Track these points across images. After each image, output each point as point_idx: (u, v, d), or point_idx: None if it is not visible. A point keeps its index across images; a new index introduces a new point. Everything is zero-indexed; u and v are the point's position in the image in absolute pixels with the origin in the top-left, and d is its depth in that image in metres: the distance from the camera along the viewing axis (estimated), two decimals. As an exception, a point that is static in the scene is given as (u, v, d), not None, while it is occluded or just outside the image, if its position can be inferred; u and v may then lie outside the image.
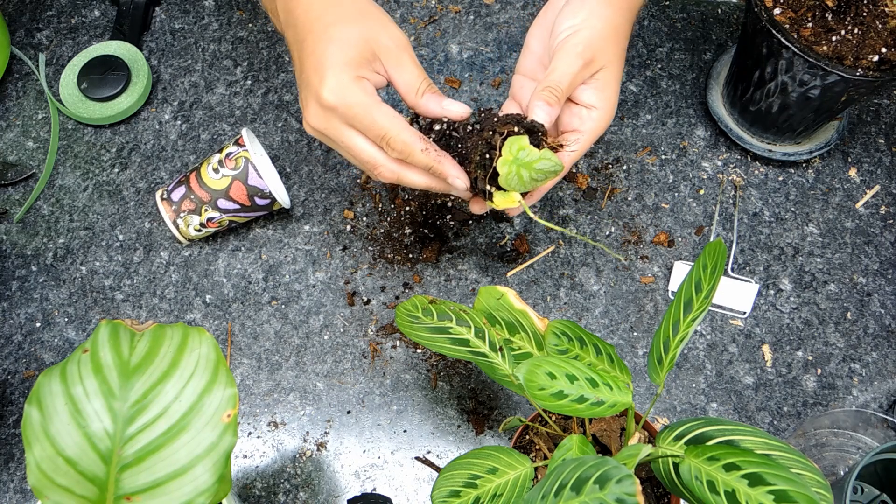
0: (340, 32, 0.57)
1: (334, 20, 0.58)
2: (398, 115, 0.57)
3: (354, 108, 0.56)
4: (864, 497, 0.67)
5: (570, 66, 0.59)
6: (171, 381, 0.43)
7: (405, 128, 0.57)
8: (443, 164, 0.58)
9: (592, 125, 0.61)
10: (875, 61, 0.69)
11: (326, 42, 0.57)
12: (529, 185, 0.57)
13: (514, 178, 0.57)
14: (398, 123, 0.57)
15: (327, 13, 0.59)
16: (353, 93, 0.56)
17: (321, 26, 0.58)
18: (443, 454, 0.71)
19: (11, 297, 0.77)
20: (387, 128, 0.57)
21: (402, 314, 0.59)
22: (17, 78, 0.88)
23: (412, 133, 0.57)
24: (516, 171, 0.56)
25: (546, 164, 0.56)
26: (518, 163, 0.56)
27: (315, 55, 0.58)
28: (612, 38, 0.60)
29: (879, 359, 0.74)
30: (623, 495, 0.36)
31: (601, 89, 0.61)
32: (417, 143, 0.57)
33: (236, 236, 0.80)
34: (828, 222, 0.80)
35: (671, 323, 0.50)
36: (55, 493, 0.41)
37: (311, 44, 0.58)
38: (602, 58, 0.60)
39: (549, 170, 0.57)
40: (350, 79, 0.57)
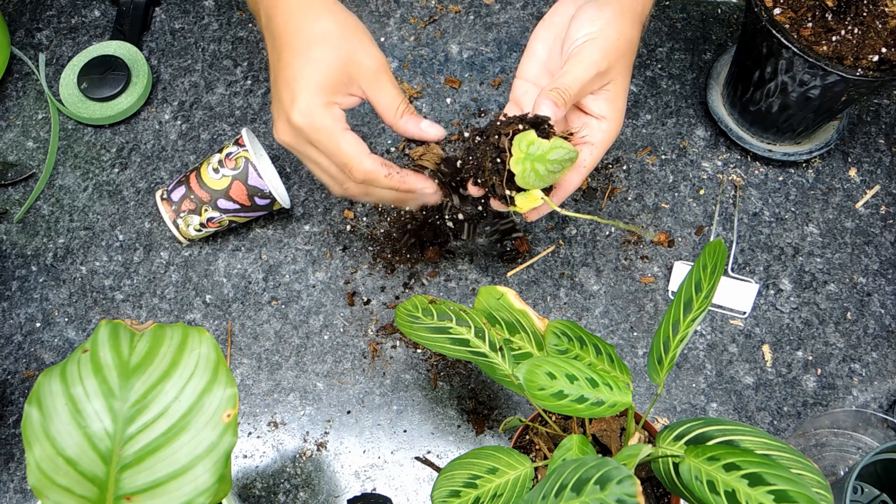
0: (319, 52, 0.58)
1: (314, 37, 0.58)
2: (361, 143, 0.58)
3: (320, 133, 0.58)
4: (864, 497, 0.67)
5: (584, 73, 0.59)
6: (171, 381, 0.43)
7: (367, 156, 0.58)
8: (407, 182, 0.60)
9: (603, 136, 0.61)
10: (875, 61, 0.69)
11: (304, 61, 0.58)
12: (549, 179, 0.57)
13: (530, 174, 0.56)
14: (360, 151, 0.58)
15: (307, 28, 0.59)
16: (320, 117, 0.57)
17: (301, 42, 0.58)
18: (443, 454, 0.71)
19: (11, 297, 0.77)
20: (349, 156, 0.58)
21: (402, 314, 0.59)
22: (17, 78, 0.88)
23: (374, 161, 0.58)
24: (531, 168, 0.55)
25: (560, 152, 0.55)
26: (531, 158, 0.55)
27: (290, 71, 0.58)
28: (625, 50, 0.60)
29: (879, 359, 0.74)
30: (623, 496, 0.36)
31: (611, 101, 0.61)
32: (380, 169, 0.59)
33: (236, 236, 0.80)
34: (828, 222, 0.80)
35: (671, 323, 0.50)
36: (55, 493, 0.41)
37: (287, 58, 0.59)
38: (615, 69, 0.60)
39: (565, 158, 0.55)
40: (320, 103, 0.57)
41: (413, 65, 0.88)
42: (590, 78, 0.59)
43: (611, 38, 0.59)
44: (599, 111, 0.61)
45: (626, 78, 0.62)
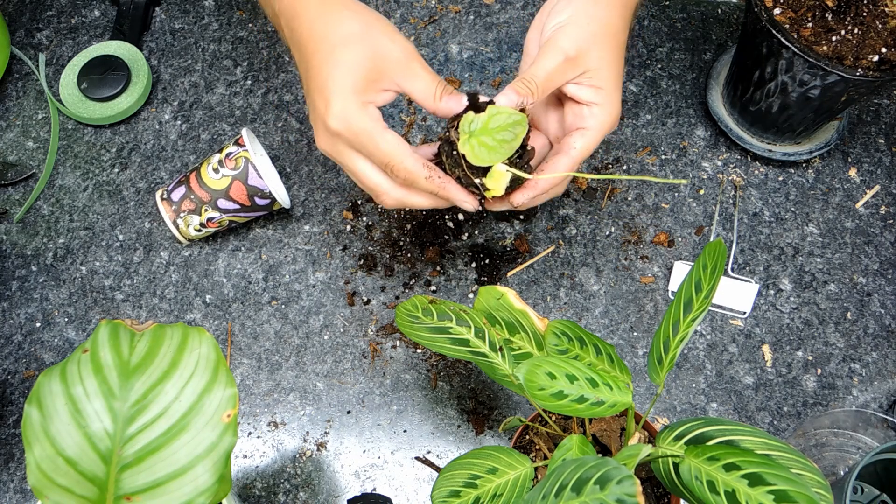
0: (346, 54, 0.57)
1: (339, 40, 0.57)
2: (402, 142, 0.57)
3: (360, 136, 0.57)
4: (864, 497, 0.67)
5: (551, 62, 0.58)
6: (171, 381, 0.43)
7: (409, 155, 0.57)
8: (448, 190, 0.58)
9: (595, 121, 0.60)
10: (875, 61, 0.69)
11: (332, 65, 0.57)
12: (503, 149, 0.55)
13: (480, 150, 0.55)
14: (402, 150, 0.57)
15: (331, 32, 0.58)
16: (357, 119, 0.56)
17: (327, 47, 0.58)
18: (443, 454, 0.71)
19: (11, 297, 0.77)
20: (391, 155, 0.57)
21: (402, 314, 0.59)
22: (17, 78, 0.88)
23: (416, 160, 0.57)
24: (478, 143, 0.55)
25: (500, 118, 0.54)
26: (474, 135, 0.55)
27: (320, 78, 0.58)
28: (601, 35, 0.59)
29: (879, 359, 0.74)
30: (623, 496, 0.36)
31: (597, 87, 0.60)
32: (421, 170, 0.57)
33: (236, 236, 0.80)
34: (828, 222, 0.80)
35: (671, 323, 0.50)
36: (55, 493, 0.41)
37: (316, 65, 0.58)
38: (591, 55, 0.59)
39: (509, 122, 0.54)
40: (355, 105, 0.56)
41: (413, 65, 0.88)
42: (557, 65, 0.58)
43: (580, 24, 0.59)
44: (587, 98, 0.60)
45: (613, 63, 0.60)
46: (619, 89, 0.61)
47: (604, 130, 0.61)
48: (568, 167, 0.60)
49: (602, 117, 0.60)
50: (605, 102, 0.60)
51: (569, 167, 0.60)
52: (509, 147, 0.55)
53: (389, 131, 0.57)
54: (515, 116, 0.55)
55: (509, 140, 0.55)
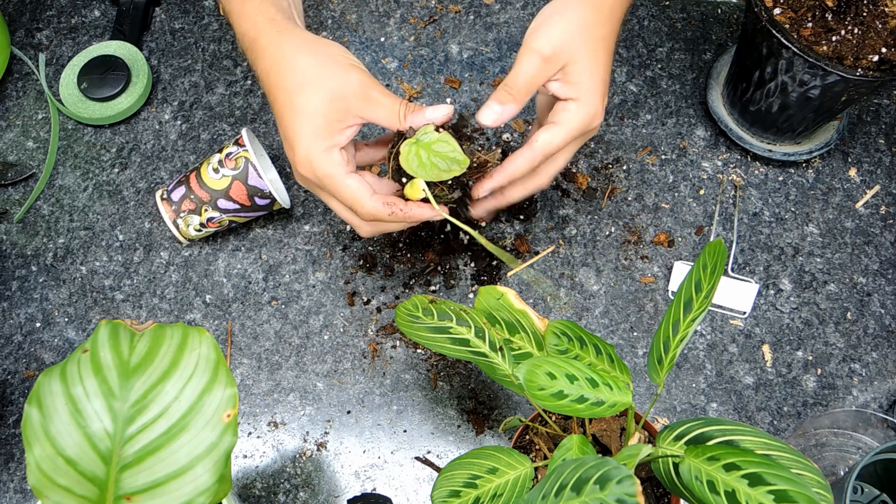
0: (303, 101, 0.58)
1: (296, 86, 0.59)
2: (362, 185, 0.59)
3: (323, 181, 0.59)
4: (864, 497, 0.67)
5: (528, 64, 0.59)
6: (171, 381, 0.43)
7: (369, 198, 0.59)
8: (413, 216, 0.60)
9: (566, 116, 0.61)
10: (875, 61, 0.69)
11: (292, 114, 0.59)
12: (431, 172, 0.57)
13: (413, 158, 0.57)
14: (362, 194, 0.59)
15: (287, 79, 0.59)
16: (320, 166, 0.59)
17: (285, 96, 0.59)
18: (443, 454, 0.71)
19: (11, 297, 0.77)
20: (352, 199, 0.59)
21: (402, 314, 0.59)
22: (17, 78, 0.88)
23: (375, 202, 0.59)
24: (415, 152, 0.57)
25: (444, 147, 0.56)
26: (419, 143, 0.57)
27: (284, 126, 0.60)
28: (577, 31, 0.60)
29: (879, 359, 0.74)
30: (623, 496, 0.36)
31: (574, 82, 0.60)
32: (382, 209, 0.59)
33: (236, 236, 0.80)
34: (828, 222, 0.80)
35: (671, 323, 0.50)
36: (55, 493, 0.41)
37: (278, 112, 0.60)
38: (568, 52, 0.60)
39: (448, 155, 0.56)
40: (318, 152, 0.58)
41: (413, 65, 0.88)
42: (535, 67, 0.59)
43: (554, 23, 0.60)
44: (563, 94, 0.61)
45: (591, 58, 0.60)
46: (599, 85, 0.61)
47: (573, 127, 0.61)
48: (528, 160, 0.61)
49: (575, 113, 0.61)
50: (582, 98, 0.60)
51: (528, 160, 0.61)
52: (437, 174, 0.57)
53: (351, 176, 0.59)
54: (458, 157, 0.57)
55: (442, 170, 0.57)
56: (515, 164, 0.61)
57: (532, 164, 0.61)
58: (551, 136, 0.61)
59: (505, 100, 0.60)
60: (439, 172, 0.57)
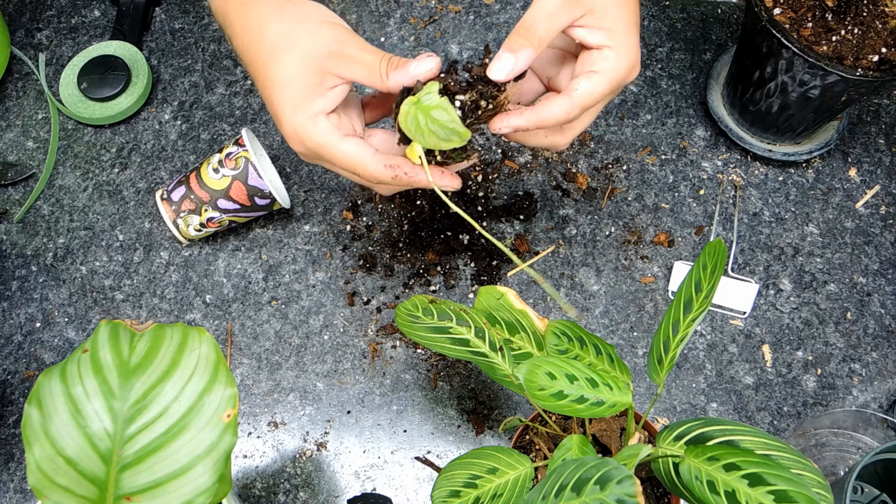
0: (276, 70, 0.54)
1: (267, 56, 0.54)
2: (362, 147, 0.54)
3: (318, 151, 0.55)
4: (864, 497, 0.67)
5: (549, 2, 0.51)
6: (171, 381, 0.43)
7: (370, 160, 0.54)
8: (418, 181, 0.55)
9: (606, 65, 0.53)
10: (875, 61, 0.69)
11: (269, 86, 0.54)
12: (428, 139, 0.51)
13: (411, 121, 0.51)
14: (362, 157, 0.54)
15: (257, 50, 0.55)
16: (310, 136, 0.54)
17: (259, 68, 0.55)
18: (443, 454, 0.71)
19: (11, 297, 0.77)
20: (352, 165, 0.55)
21: (402, 314, 0.59)
22: (17, 78, 0.88)
23: (377, 164, 0.54)
24: (413, 113, 0.51)
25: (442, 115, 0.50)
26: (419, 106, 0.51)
27: (266, 99, 0.56)
28: None
29: (879, 359, 0.74)
30: (623, 496, 0.36)
31: (606, 28, 0.52)
32: (384, 173, 0.54)
33: (236, 236, 0.80)
34: (828, 222, 0.80)
35: (671, 323, 0.50)
36: (55, 493, 0.41)
37: (259, 86, 0.56)
38: None
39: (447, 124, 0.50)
40: (304, 121, 0.54)
41: (413, 65, 0.88)
42: (556, 5, 0.51)
43: None
44: (598, 41, 0.53)
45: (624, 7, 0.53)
46: (633, 32, 0.54)
47: (615, 77, 0.53)
48: (565, 109, 0.53)
49: (614, 62, 0.53)
50: (618, 45, 0.53)
51: (566, 110, 0.53)
52: (435, 142, 0.52)
53: (347, 140, 0.54)
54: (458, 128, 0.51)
55: (440, 137, 0.51)
56: (550, 110, 0.53)
57: (569, 115, 0.53)
58: (593, 86, 0.53)
59: (519, 45, 0.51)
60: (437, 141, 0.52)
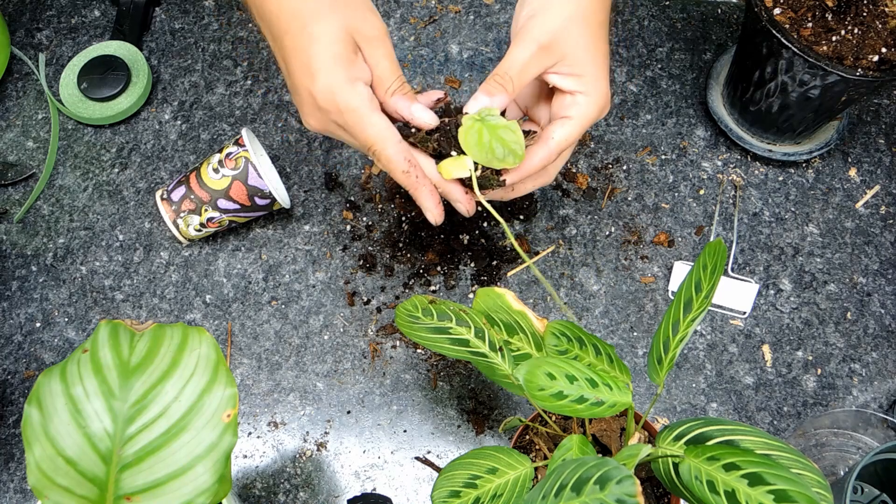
0: (320, 28, 0.54)
1: (310, 15, 0.54)
2: (390, 128, 0.55)
3: (346, 114, 0.55)
4: (864, 497, 0.67)
5: (523, 52, 0.56)
6: (171, 381, 0.43)
7: (395, 143, 0.55)
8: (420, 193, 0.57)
9: (577, 110, 0.57)
10: (875, 61, 0.69)
11: (308, 41, 0.54)
12: (487, 156, 0.54)
13: (473, 134, 0.54)
14: (388, 136, 0.55)
15: (300, 7, 0.55)
16: (344, 98, 0.55)
17: (298, 25, 0.55)
18: (443, 454, 0.71)
19: (11, 297, 0.77)
20: (376, 139, 0.55)
21: (402, 314, 0.59)
22: (17, 78, 0.88)
23: (399, 151, 0.55)
24: (478, 129, 0.53)
25: (509, 134, 0.53)
26: (484, 123, 0.53)
27: (299, 56, 0.55)
28: (576, 18, 0.56)
29: (879, 359, 0.74)
30: (623, 496, 0.36)
31: (577, 74, 0.57)
32: (401, 163, 0.56)
33: (236, 236, 0.80)
34: (828, 222, 0.80)
35: (671, 323, 0.50)
36: (55, 493, 0.41)
37: (290, 43, 0.56)
38: (566, 41, 0.56)
39: (511, 144, 0.53)
40: (342, 81, 0.54)
41: (413, 65, 0.88)
42: (531, 55, 0.56)
43: (552, 10, 0.56)
44: (569, 87, 0.57)
45: (592, 47, 0.57)
46: (603, 74, 0.58)
47: (587, 119, 0.58)
48: (544, 157, 0.58)
49: (584, 107, 0.57)
50: (589, 90, 0.57)
51: (545, 157, 0.58)
52: (494, 160, 0.54)
53: (378, 114, 0.55)
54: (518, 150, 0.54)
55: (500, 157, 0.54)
56: (532, 161, 0.58)
57: (548, 160, 0.58)
58: (567, 132, 0.57)
59: (495, 91, 0.56)
60: (493, 158, 0.54)
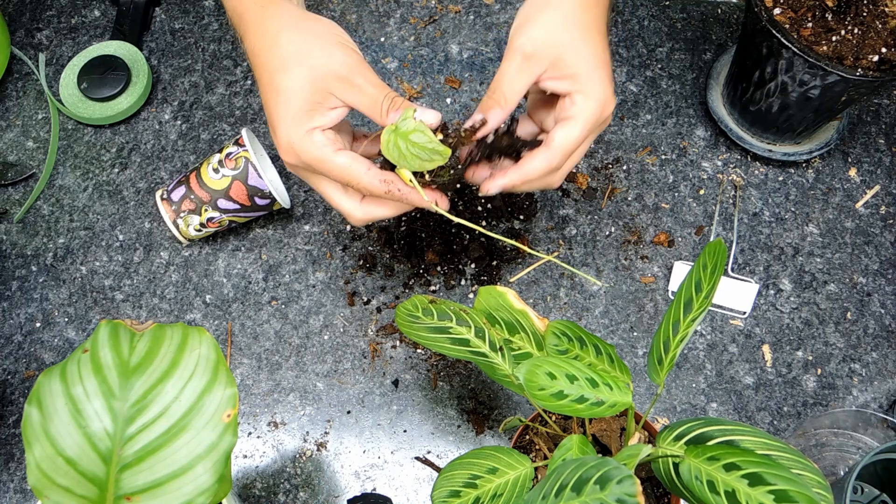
0: (284, 81, 0.56)
1: (277, 65, 0.56)
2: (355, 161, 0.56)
3: (311, 164, 0.57)
4: (864, 497, 0.67)
5: (510, 65, 0.57)
6: (171, 381, 0.43)
7: (364, 173, 0.56)
8: (410, 199, 0.58)
9: (576, 110, 0.57)
10: (875, 61, 0.69)
11: (273, 95, 0.56)
12: (411, 161, 0.54)
13: (392, 147, 0.54)
14: (355, 170, 0.56)
15: (269, 57, 0.57)
16: (304, 149, 0.56)
17: (267, 76, 0.57)
18: (443, 454, 0.71)
19: (11, 297, 0.77)
20: (348, 176, 0.56)
21: (402, 314, 0.59)
22: (17, 78, 0.88)
23: (371, 177, 0.56)
24: (394, 140, 0.54)
25: (420, 137, 0.53)
26: (397, 132, 0.54)
27: (267, 109, 0.58)
28: (560, 23, 0.56)
29: (879, 359, 0.74)
30: (623, 496, 0.36)
31: (569, 75, 0.57)
32: (378, 186, 0.56)
33: (236, 236, 0.80)
34: (828, 222, 0.80)
35: (671, 323, 0.50)
36: (55, 493, 0.41)
37: (262, 93, 0.58)
38: (551, 47, 0.56)
39: (426, 146, 0.53)
40: (299, 135, 0.56)
41: (413, 65, 0.88)
42: (516, 67, 0.56)
43: (534, 19, 0.57)
44: (564, 89, 0.57)
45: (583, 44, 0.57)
46: (600, 70, 0.57)
47: (588, 116, 0.57)
48: (547, 161, 0.58)
49: (583, 104, 0.57)
50: (585, 87, 0.57)
51: (548, 161, 0.58)
52: (418, 164, 0.55)
53: (341, 153, 0.56)
54: (437, 147, 0.53)
55: (422, 159, 0.54)
56: (532, 165, 0.58)
57: (551, 165, 0.58)
58: (568, 133, 0.57)
59: (488, 107, 0.57)
60: (421, 163, 0.54)
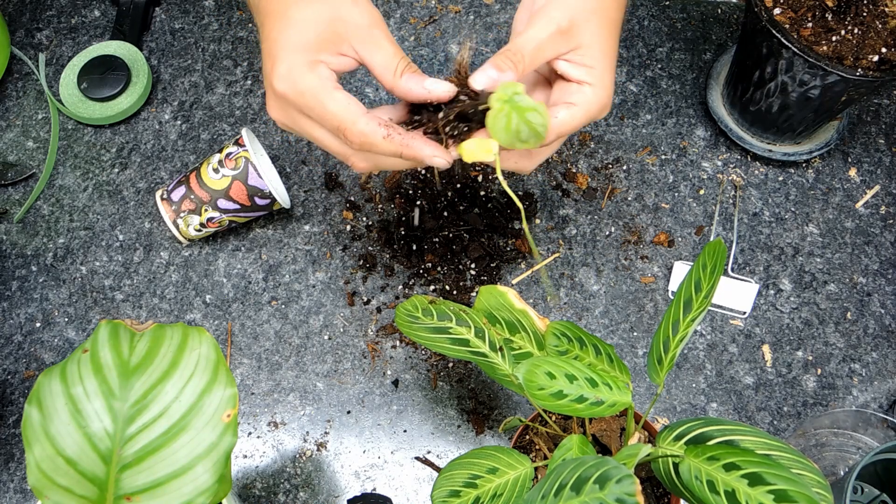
0: (300, 12, 0.51)
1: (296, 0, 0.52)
2: (354, 102, 0.51)
3: (305, 97, 0.51)
4: (864, 497, 0.67)
5: (541, 31, 0.52)
6: (171, 381, 0.43)
7: (361, 115, 0.51)
8: (412, 148, 0.52)
9: (583, 98, 0.55)
10: (875, 61, 0.69)
11: (284, 24, 0.52)
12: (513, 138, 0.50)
13: (502, 118, 0.50)
14: (353, 111, 0.51)
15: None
16: (302, 78, 0.51)
17: (281, 7, 0.52)
18: (443, 454, 0.71)
19: (11, 297, 0.77)
20: (340, 117, 0.51)
21: (402, 314, 0.59)
22: (17, 78, 0.88)
23: (369, 121, 0.51)
24: (507, 113, 0.49)
25: (537, 117, 0.50)
26: (512, 105, 0.49)
27: (271, 39, 0.52)
28: (597, 10, 0.54)
29: (879, 359, 0.74)
30: (623, 495, 0.36)
31: (589, 66, 0.54)
32: (377, 130, 0.51)
33: (236, 236, 0.80)
34: (828, 222, 0.80)
35: (671, 323, 0.50)
36: (55, 493, 0.41)
37: (269, 27, 0.53)
38: (584, 30, 0.54)
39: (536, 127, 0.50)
40: (302, 62, 0.51)
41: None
42: (548, 35, 0.53)
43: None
44: (578, 77, 0.55)
45: (607, 42, 0.55)
46: (611, 71, 0.56)
47: (591, 111, 0.55)
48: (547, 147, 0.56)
49: (591, 97, 0.55)
50: (597, 83, 0.55)
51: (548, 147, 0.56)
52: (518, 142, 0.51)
53: (340, 91, 0.51)
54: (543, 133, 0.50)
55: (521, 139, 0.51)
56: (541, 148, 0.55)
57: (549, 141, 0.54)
58: (571, 116, 0.54)
59: (504, 66, 0.52)
60: (517, 141, 0.50)
